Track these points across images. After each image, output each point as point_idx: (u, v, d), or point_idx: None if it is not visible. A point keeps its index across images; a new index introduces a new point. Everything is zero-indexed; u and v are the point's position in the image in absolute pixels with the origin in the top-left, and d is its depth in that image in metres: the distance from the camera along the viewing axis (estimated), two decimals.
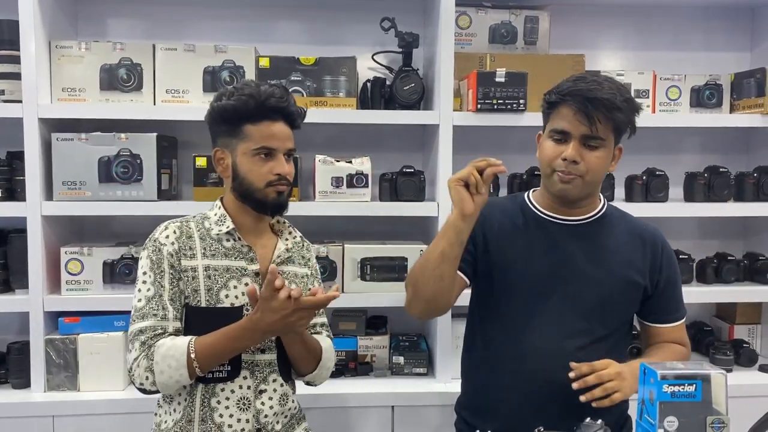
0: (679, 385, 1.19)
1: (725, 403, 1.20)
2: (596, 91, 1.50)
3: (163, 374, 1.45)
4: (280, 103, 1.54)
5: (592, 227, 1.65)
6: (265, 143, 1.53)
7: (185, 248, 1.54)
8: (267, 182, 1.54)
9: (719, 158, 2.62)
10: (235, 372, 1.53)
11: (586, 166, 1.53)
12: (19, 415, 2.11)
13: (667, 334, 1.70)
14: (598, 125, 1.50)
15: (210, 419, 1.52)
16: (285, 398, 1.60)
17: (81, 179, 2.17)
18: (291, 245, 1.66)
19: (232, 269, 1.55)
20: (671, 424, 1.20)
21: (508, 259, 1.64)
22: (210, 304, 1.52)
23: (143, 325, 1.49)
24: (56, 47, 2.22)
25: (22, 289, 2.20)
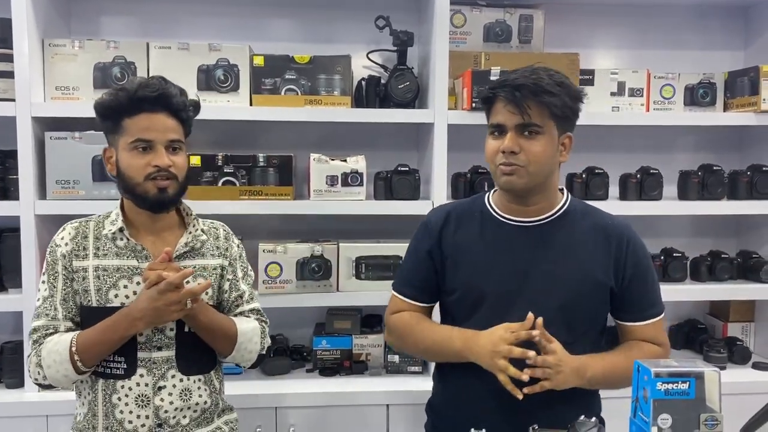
0: (673, 382, 1.20)
1: (719, 400, 1.21)
2: (523, 78, 1.47)
3: (51, 368, 1.50)
4: (151, 93, 1.51)
5: (553, 226, 1.57)
6: (141, 135, 1.51)
7: (78, 249, 1.56)
8: (145, 175, 1.51)
9: (713, 157, 2.63)
10: (131, 370, 1.54)
11: (527, 155, 1.48)
12: (12, 415, 2.10)
13: (639, 332, 1.61)
14: (531, 112, 1.45)
15: (112, 415, 1.55)
16: (187, 393, 1.58)
17: (75, 178, 2.17)
18: (191, 239, 1.62)
19: (122, 269, 1.55)
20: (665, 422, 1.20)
21: (469, 268, 1.59)
22: (100, 303, 1.54)
23: (37, 324, 1.55)
24: (50, 45, 2.21)
25: (16, 289, 2.20)
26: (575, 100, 1.52)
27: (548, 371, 1.44)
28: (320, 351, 2.39)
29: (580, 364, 1.48)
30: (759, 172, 2.46)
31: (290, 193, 2.28)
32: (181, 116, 1.57)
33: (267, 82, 2.28)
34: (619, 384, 1.56)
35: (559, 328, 1.50)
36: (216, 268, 1.65)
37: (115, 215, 1.59)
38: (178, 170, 1.55)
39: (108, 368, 1.54)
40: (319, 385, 2.28)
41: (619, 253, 1.56)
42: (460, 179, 2.39)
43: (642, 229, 2.63)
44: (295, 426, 2.17)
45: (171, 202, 1.57)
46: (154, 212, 1.57)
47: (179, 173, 1.56)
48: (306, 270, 2.28)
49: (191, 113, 1.61)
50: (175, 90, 1.56)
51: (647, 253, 1.63)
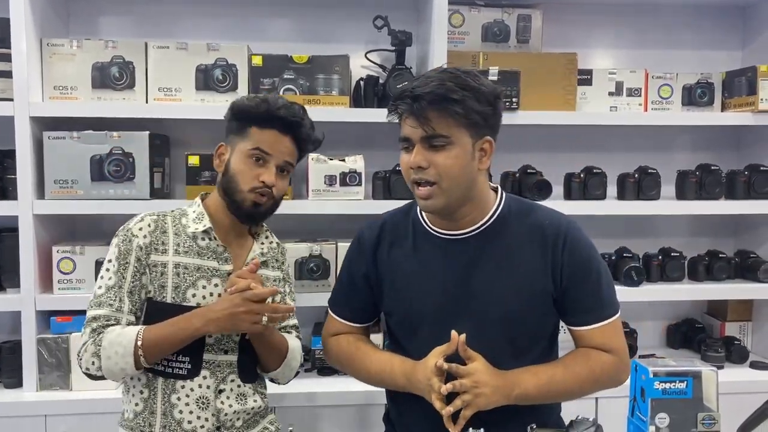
0: (671, 382, 1.20)
1: (716, 399, 1.21)
2: (422, 87, 1.34)
3: (110, 360, 1.46)
4: (290, 116, 1.55)
5: (486, 236, 1.47)
6: (264, 146, 1.55)
7: (157, 243, 1.55)
8: (251, 187, 1.54)
9: (711, 156, 2.63)
10: (196, 371, 1.54)
11: (437, 170, 1.36)
12: (11, 415, 2.10)
13: (587, 338, 1.46)
14: (434, 123, 1.34)
15: (170, 414, 1.54)
16: (243, 398, 1.61)
17: (73, 178, 2.16)
18: (266, 249, 1.66)
19: (203, 269, 1.56)
20: (662, 421, 1.20)
21: (404, 289, 1.51)
22: (176, 301, 1.53)
23: (98, 312, 1.51)
24: (48, 45, 2.20)
25: (14, 288, 2.19)
26: (486, 103, 1.38)
27: (466, 397, 1.34)
28: (319, 351, 2.39)
29: (505, 383, 1.37)
30: (757, 172, 2.47)
31: (288, 193, 2.28)
32: (302, 146, 1.62)
33: (265, 81, 2.28)
34: (561, 398, 1.49)
35: (502, 343, 1.44)
36: (276, 280, 1.68)
37: (198, 214, 1.60)
38: (277, 191, 1.59)
39: (170, 367, 1.54)
40: (317, 385, 2.27)
41: (555, 254, 1.44)
42: None
43: (640, 228, 2.68)
44: (294, 426, 2.16)
45: (261, 217, 1.61)
46: (241, 222, 1.61)
47: (277, 194, 1.59)
48: (304, 270, 2.28)
49: (311, 149, 1.66)
50: (309, 123, 1.62)
51: (591, 252, 1.48)
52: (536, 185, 2.35)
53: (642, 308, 2.72)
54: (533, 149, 2.61)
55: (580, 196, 2.41)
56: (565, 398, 1.49)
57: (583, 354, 1.47)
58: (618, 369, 1.47)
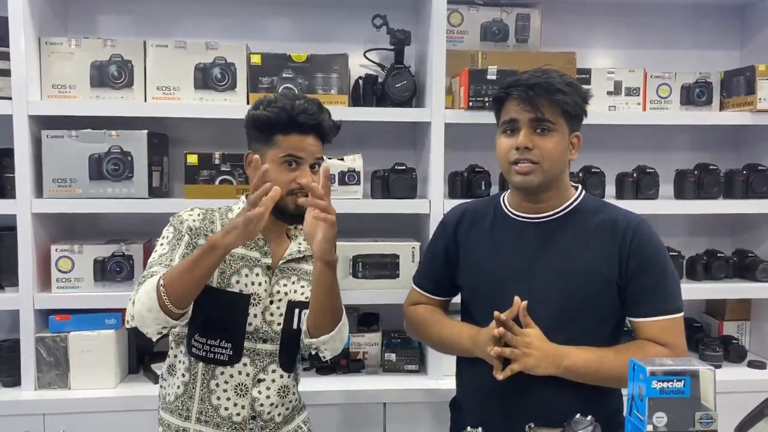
0: (668, 381, 1.20)
1: (713, 399, 1.21)
2: (536, 77, 1.52)
3: (138, 305, 1.44)
4: (310, 120, 1.58)
5: (561, 222, 1.58)
6: (293, 152, 1.58)
7: (207, 230, 1.61)
8: (289, 191, 1.57)
9: (709, 156, 2.64)
10: (236, 357, 1.58)
11: (540, 152, 1.51)
12: (9, 414, 2.10)
13: (646, 329, 1.52)
14: (544, 109, 1.50)
15: (208, 400, 1.59)
16: (285, 390, 1.65)
17: (71, 176, 2.17)
18: (303, 248, 1.69)
19: (246, 258, 1.61)
20: (660, 420, 1.20)
21: (475, 263, 1.64)
22: (221, 285, 1.58)
23: (153, 269, 1.51)
24: (46, 44, 2.20)
25: (12, 287, 2.20)
26: (583, 101, 1.56)
27: (516, 351, 1.45)
28: None
29: (556, 352, 1.47)
30: (755, 172, 2.47)
31: None
32: (326, 139, 1.65)
33: (264, 80, 2.28)
34: (609, 380, 1.51)
35: (563, 323, 1.52)
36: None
37: (239, 210, 1.62)
38: None
39: (212, 353, 1.58)
40: (315, 384, 2.28)
41: (624, 244, 1.52)
42: (456, 178, 2.39)
43: None
44: None
45: (302, 216, 1.61)
46: (290, 224, 1.66)
47: None
48: None
49: (333, 136, 1.67)
50: (327, 115, 1.63)
51: (659, 248, 1.56)
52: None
53: None
54: None
55: None
56: (613, 382, 1.52)
57: (638, 344, 1.53)
58: None
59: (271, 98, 1.62)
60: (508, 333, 1.46)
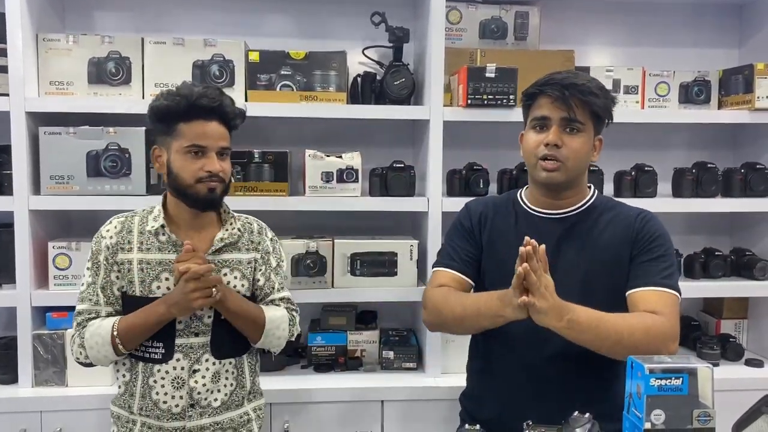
0: (666, 378, 1.20)
1: (711, 396, 1.21)
2: (571, 78, 1.59)
3: (93, 349, 1.64)
4: (211, 103, 1.61)
5: (579, 218, 1.67)
6: (196, 141, 1.61)
7: (123, 242, 1.67)
8: (197, 178, 1.61)
9: (707, 154, 2.64)
10: (169, 355, 1.66)
11: (568, 151, 1.58)
12: (6, 411, 2.10)
13: (644, 299, 1.56)
14: (576, 110, 1.56)
15: (148, 396, 1.67)
16: (217, 376, 1.69)
17: (69, 173, 2.16)
18: (227, 235, 1.71)
19: (164, 262, 1.66)
20: (658, 418, 1.21)
21: (501, 258, 1.67)
22: (143, 294, 1.65)
23: (81, 307, 1.69)
24: (44, 40, 2.20)
25: (10, 284, 2.19)
26: (611, 105, 1.63)
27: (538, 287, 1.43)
28: (315, 347, 2.39)
29: (562, 304, 1.46)
30: (753, 170, 2.47)
31: (285, 190, 2.28)
32: (231, 125, 1.68)
33: (262, 77, 2.27)
34: (607, 342, 1.49)
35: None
36: (250, 262, 1.75)
37: (157, 212, 1.70)
38: (225, 175, 1.66)
39: (147, 353, 1.66)
40: (313, 381, 2.28)
41: (632, 231, 1.63)
42: (455, 176, 2.39)
43: None
44: (290, 422, 2.17)
45: (218, 202, 1.69)
46: (203, 211, 1.68)
47: (225, 177, 1.67)
48: (301, 266, 2.28)
49: (239, 122, 1.71)
50: (228, 100, 1.66)
51: (661, 233, 1.63)
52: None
53: None
54: None
55: None
56: (616, 344, 1.49)
57: (638, 312, 1.55)
58: (667, 333, 1.52)
59: (177, 87, 1.65)
60: (532, 274, 1.43)
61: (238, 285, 1.72)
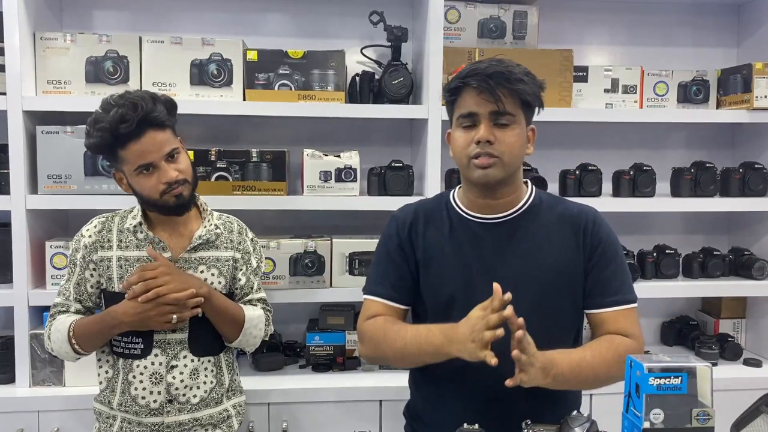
0: (665, 377, 1.20)
1: (710, 395, 1.21)
2: (495, 66, 1.45)
3: (56, 344, 1.70)
4: (128, 128, 1.56)
5: (519, 221, 1.54)
6: (139, 161, 1.60)
7: (103, 241, 1.72)
8: (160, 192, 1.63)
9: (705, 153, 2.64)
10: (147, 350, 1.69)
11: (502, 146, 1.45)
12: (3, 411, 2.09)
13: (609, 321, 1.49)
14: (504, 100, 1.43)
15: (127, 391, 1.70)
16: (196, 372, 1.72)
17: (66, 172, 2.16)
18: (205, 232, 1.74)
19: (142, 259, 1.70)
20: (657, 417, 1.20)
21: (438, 270, 1.55)
22: (123, 290, 1.66)
23: (56, 300, 1.76)
24: (41, 39, 2.19)
25: (7, 284, 2.19)
26: (540, 91, 1.51)
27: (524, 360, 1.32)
28: (313, 347, 2.39)
29: (546, 361, 1.37)
30: (751, 170, 2.47)
31: (283, 189, 2.28)
32: (165, 125, 1.63)
33: (260, 77, 2.27)
34: (586, 384, 1.47)
35: (533, 328, 1.39)
36: (228, 260, 1.78)
37: (136, 210, 1.74)
38: (185, 174, 1.66)
39: (127, 348, 1.70)
40: (312, 381, 2.27)
41: (585, 238, 1.52)
42: (453, 175, 2.39)
43: (635, 225, 2.68)
44: (288, 422, 2.17)
45: (189, 202, 1.70)
46: (180, 215, 1.70)
47: (185, 175, 1.66)
48: (299, 266, 2.28)
49: (172, 116, 1.67)
50: (150, 105, 1.58)
51: (614, 239, 1.56)
52: (531, 182, 2.34)
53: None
54: None
55: (575, 193, 2.41)
56: (594, 383, 1.48)
57: (607, 339, 1.49)
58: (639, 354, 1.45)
59: (97, 116, 1.61)
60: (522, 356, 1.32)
61: (215, 282, 1.74)
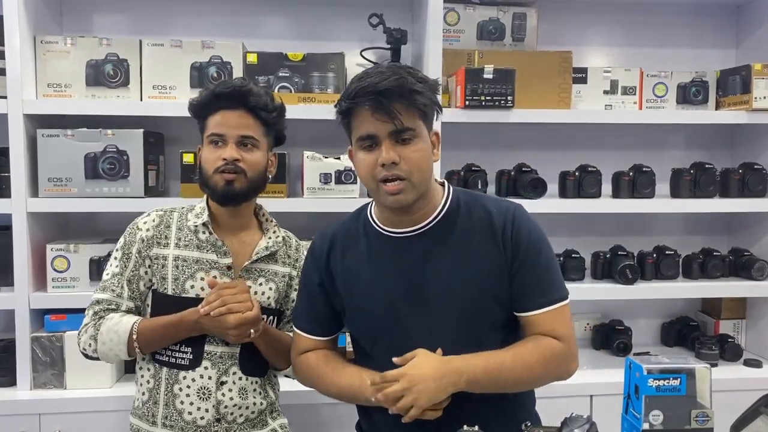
0: (664, 379, 1.20)
1: (709, 396, 1.22)
2: (383, 82, 1.33)
3: (105, 345, 1.57)
4: (225, 88, 1.57)
5: (437, 231, 1.45)
6: (215, 129, 1.58)
7: (160, 237, 1.62)
8: (215, 168, 1.57)
9: (704, 154, 2.64)
10: (197, 362, 1.59)
11: (408, 165, 1.36)
12: (5, 414, 2.09)
13: (537, 323, 1.42)
14: (402, 116, 1.34)
15: (172, 404, 1.59)
16: (244, 392, 1.63)
17: (67, 175, 2.16)
18: (271, 243, 1.68)
19: (201, 261, 1.60)
20: (656, 418, 1.21)
21: (361, 294, 1.48)
22: (176, 292, 1.59)
23: (101, 296, 1.61)
24: (41, 42, 2.19)
25: (8, 287, 2.19)
26: (436, 94, 1.42)
27: (404, 402, 1.31)
28: None
29: (448, 370, 1.34)
30: (750, 170, 2.48)
31: (283, 191, 2.28)
32: (259, 114, 1.60)
33: (260, 79, 2.27)
34: (511, 385, 1.42)
35: (462, 335, 1.41)
36: (285, 276, 1.70)
37: (200, 209, 1.65)
38: (247, 166, 1.58)
39: (173, 358, 1.59)
40: None
41: (505, 241, 1.43)
42: (453, 177, 2.39)
43: (634, 226, 2.69)
44: (291, 423, 2.17)
45: (239, 196, 1.59)
46: (223, 205, 1.61)
47: (249, 169, 1.59)
48: None
49: (273, 114, 1.63)
50: (257, 89, 1.61)
51: (539, 235, 1.47)
52: (531, 183, 2.35)
53: (636, 306, 2.73)
54: (528, 147, 2.61)
55: (575, 194, 2.42)
56: (515, 386, 1.43)
57: (532, 340, 1.42)
58: (567, 357, 1.43)
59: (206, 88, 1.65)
60: (388, 378, 1.33)
61: (271, 297, 1.67)
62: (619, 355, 2.55)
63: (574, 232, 2.66)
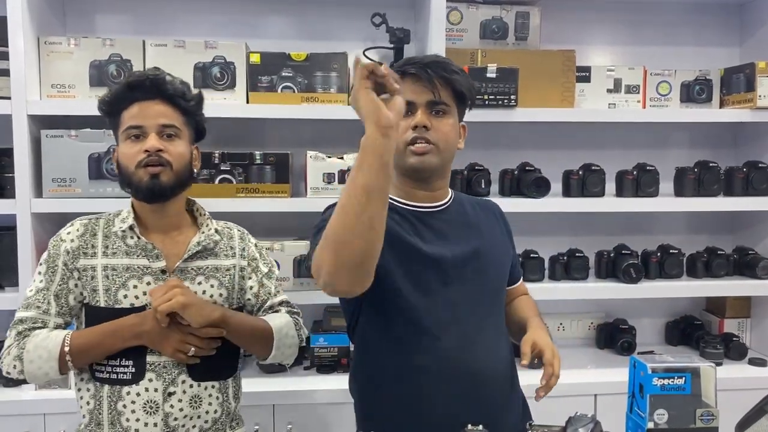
0: (669, 378, 1.20)
1: (714, 395, 1.22)
2: (432, 57, 1.52)
3: (33, 364, 1.45)
4: (138, 78, 1.49)
5: (457, 207, 1.60)
6: (132, 122, 1.48)
7: (86, 246, 1.52)
8: (137, 162, 1.47)
9: (708, 153, 2.64)
10: (139, 375, 1.48)
11: (437, 133, 1.47)
12: (10, 414, 2.09)
13: (521, 290, 1.77)
14: (440, 90, 1.47)
15: (118, 423, 1.48)
16: (197, 400, 1.52)
17: (71, 176, 2.16)
18: (204, 238, 1.57)
19: (132, 268, 1.50)
20: (661, 417, 1.21)
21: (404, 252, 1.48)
22: (108, 304, 1.49)
23: (25, 315, 1.50)
24: (45, 43, 2.20)
25: (12, 287, 2.19)
26: (471, 87, 1.56)
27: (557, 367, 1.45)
28: (318, 348, 2.39)
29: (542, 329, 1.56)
30: (755, 169, 2.47)
31: (287, 191, 2.28)
32: (177, 103, 1.52)
33: (263, 79, 2.28)
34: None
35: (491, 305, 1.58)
36: (230, 269, 1.61)
37: (126, 213, 1.56)
38: (171, 157, 1.49)
39: (114, 373, 1.48)
40: (316, 383, 2.28)
41: (505, 225, 1.70)
42: (456, 176, 2.39)
43: (638, 225, 2.68)
44: (293, 423, 2.17)
45: (166, 190, 1.50)
46: (149, 203, 1.51)
47: (174, 160, 1.49)
48: (303, 267, 2.28)
49: (191, 102, 1.56)
50: (171, 78, 1.54)
51: None
52: (535, 182, 2.35)
53: (641, 305, 2.72)
54: (532, 146, 2.61)
55: (579, 193, 2.41)
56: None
57: (525, 298, 1.76)
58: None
59: None
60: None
61: (215, 294, 1.56)
62: (623, 354, 2.54)
63: (577, 231, 2.66)
